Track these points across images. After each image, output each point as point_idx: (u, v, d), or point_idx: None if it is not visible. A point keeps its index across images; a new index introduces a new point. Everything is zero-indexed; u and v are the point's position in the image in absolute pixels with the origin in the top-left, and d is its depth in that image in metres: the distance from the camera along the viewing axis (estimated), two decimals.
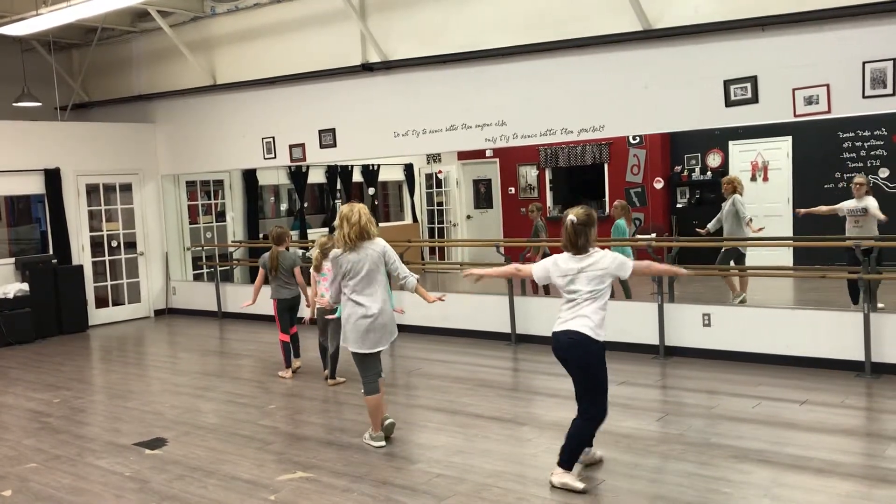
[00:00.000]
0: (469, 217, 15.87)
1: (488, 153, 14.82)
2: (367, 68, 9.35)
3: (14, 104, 11.02)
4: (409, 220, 15.68)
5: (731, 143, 12.68)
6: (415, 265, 10.08)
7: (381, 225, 13.62)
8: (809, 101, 6.72)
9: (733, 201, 9.13)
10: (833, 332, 6.85)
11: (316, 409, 6.61)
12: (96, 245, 11.50)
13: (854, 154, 11.50)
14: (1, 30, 9.28)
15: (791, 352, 7.00)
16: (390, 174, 15.36)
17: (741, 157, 12.71)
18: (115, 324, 11.53)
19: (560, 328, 4.46)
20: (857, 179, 8.71)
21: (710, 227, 9.47)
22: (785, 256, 11.59)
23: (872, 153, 11.50)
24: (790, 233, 11.87)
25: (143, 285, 11.99)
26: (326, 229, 13.33)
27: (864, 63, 6.45)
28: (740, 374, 6.85)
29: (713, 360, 7.34)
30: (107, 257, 11.60)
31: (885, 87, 6.37)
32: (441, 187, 15.89)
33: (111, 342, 10.36)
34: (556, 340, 4.49)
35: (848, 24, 6.54)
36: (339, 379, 7.18)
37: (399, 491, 4.61)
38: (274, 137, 10.51)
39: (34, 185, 10.83)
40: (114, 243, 11.66)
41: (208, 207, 12.82)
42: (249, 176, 12.71)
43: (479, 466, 4.92)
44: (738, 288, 8.98)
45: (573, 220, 4.41)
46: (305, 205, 13.72)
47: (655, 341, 7.66)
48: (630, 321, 7.81)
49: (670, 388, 6.73)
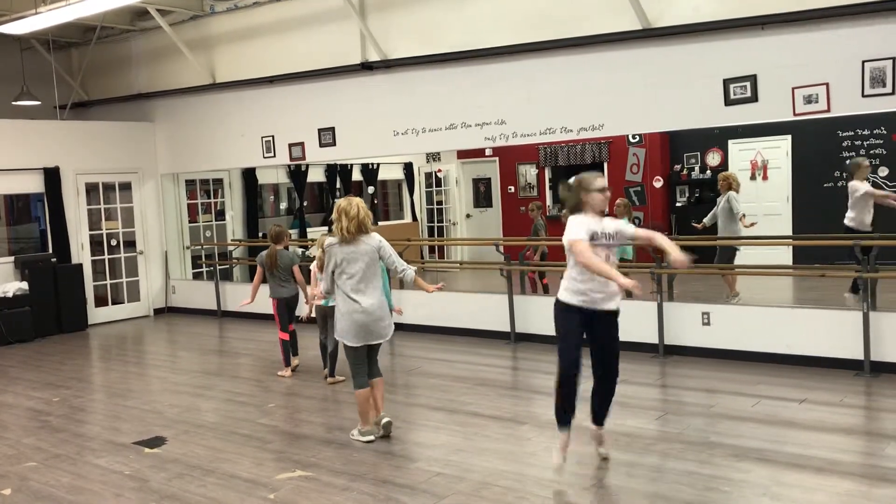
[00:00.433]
0: (468, 216, 15.85)
1: (488, 152, 14.80)
2: (367, 67, 9.34)
3: (13, 103, 11.02)
4: (408, 218, 15.68)
5: (730, 141, 12.67)
6: (414, 264, 10.04)
7: (380, 224, 13.83)
8: (809, 99, 6.72)
9: (728, 198, 9.15)
10: (832, 330, 6.85)
11: (315, 407, 6.61)
12: (96, 244, 11.50)
13: (853, 153, 11.49)
14: (0, 28, 9.27)
15: (790, 350, 6.99)
16: (390, 173, 15.36)
17: (741, 155, 12.70)
18: (115, 322, 11.52)
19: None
20: (864, 163, 8.88)
21: (706, 221, 9.50)
22: (784, 255, 11.59)
23: (872, 152, 11.50)
24: (789, 231, 11.88)
25: (142, 284, 11.99)
26: (326, 228, 13.33)
27: (864, 62, 6.46)
28: (740, 373, 6.85)
29: (713, 358, 7.34)
30: (106, 256, 11.59)
31: (885, 85, 6.37)
32: (441, 186, 15.89)
33: (111, 341, 10.36)
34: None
35: (847, 23, 6.54)
36: (339, 377, 7.17)
37: (398, 489, 4.61)
38: (273, 136, 10.51)
39: (34, 184, 10.82)
40: (113, 242, 11.66)
41: (208, 206, 12.81)
42: (249, 175, 12.71)
43: (478, 465, 4.92)
44: (732, 288, 8.98)
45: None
46: (305, 203, 13.72)
47: (655, 340, 7.66)
48: (629, 320, 7.70)
49: (670, 386, 6.74)
